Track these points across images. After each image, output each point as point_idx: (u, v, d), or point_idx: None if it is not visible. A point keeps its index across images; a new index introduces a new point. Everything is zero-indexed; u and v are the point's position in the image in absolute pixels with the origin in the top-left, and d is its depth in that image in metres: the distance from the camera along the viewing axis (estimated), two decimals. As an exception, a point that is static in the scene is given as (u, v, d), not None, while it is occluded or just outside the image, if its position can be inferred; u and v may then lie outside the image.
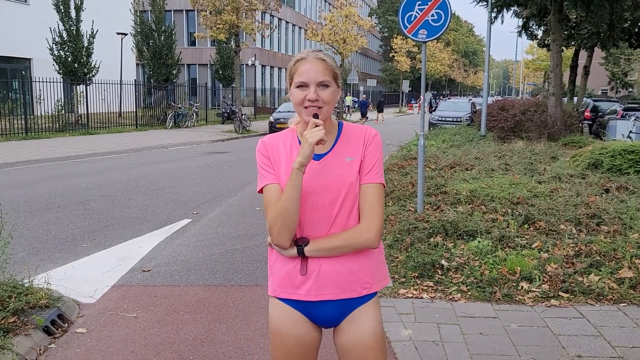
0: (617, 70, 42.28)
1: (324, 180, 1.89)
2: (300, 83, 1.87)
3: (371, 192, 1.90)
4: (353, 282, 1.91)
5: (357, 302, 1.94)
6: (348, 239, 1.87)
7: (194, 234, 6.73)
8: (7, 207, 7.73)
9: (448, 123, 21.98)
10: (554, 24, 14.79)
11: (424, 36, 6.40)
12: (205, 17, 24.59)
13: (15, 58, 26.12)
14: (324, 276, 1.89)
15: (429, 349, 3.63)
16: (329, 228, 1.89)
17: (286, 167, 1.91)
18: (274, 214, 1.85)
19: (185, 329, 4.04)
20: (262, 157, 1.96)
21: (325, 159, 1.92)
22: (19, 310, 3.82)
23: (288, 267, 1.92)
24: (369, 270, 1.94)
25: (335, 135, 1.97)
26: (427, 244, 5.40)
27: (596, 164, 8.79)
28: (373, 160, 1.93)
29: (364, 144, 1.94)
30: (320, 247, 1.87)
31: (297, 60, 1.91)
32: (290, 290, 1.92)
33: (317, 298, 1.90)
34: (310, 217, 1.89)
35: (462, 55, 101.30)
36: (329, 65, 1.90)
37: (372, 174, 1.92)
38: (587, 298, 4.41)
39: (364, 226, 1.88)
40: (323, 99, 1.87)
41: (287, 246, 1.88)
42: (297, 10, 54.89)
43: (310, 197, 1.88)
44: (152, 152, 16.37)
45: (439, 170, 8.98)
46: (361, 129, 1.99)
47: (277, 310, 1.96)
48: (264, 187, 1.92)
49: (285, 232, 1.85)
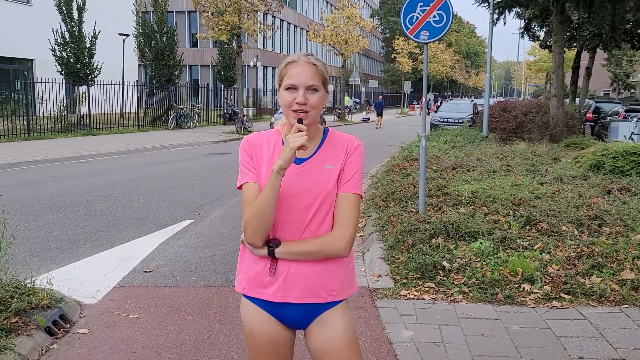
0: (619, 72, 42.25)
1: (302, 185, 1.91)
2: (290, 85, 1.88)
3: (347, 202, 1.92)
4: (319, 288, 1.93)
5: (323, 307, 1.97)
6: (319, 245, 1.89)
7: (196, 235, 6.74)
8: (9, 207, 7.75)
9: (450, 124, 21.97)
10: (556, 25, 14.78)
11: (425, 37, 6.40)
12: (207, 18, 24.63)
13: (18, 59, 26.16)
14: (291, 279, 1.91)
15: (430, 350, 3.63)
16: (301, 232, 1.92)
17: (267, 167, 1.93)
18: (250, 213, 1.87)
19: (187, 329, 4.04)
20: (245, 154, 1.98)
21: (305, 164, 1.94)
22: (21, 310, 3.83)
23: (258, 267, 1.95)
24: (337, 277, 1.96)
25: (319, 141, 1.98)
26: (429, 245, 5.40)
27: (598, 166, 8.77)
28: (353, 171, 1.94)
29: (346, 153, 1.96)
30: (291, 250, 1.90)
31: (287, 63, 1.92)
32: (257, 290, 1.95)
33: (282, 300, 1.93)
34: (285, 220, 1.91)
35: (464, 56, 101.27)
36: (319, 70, 1.91)
37: (351, 184, 1.93)
38: (589, 299, 4.41)
39: (336, 234, 1.90)
40: (311, 103, 1.88)
41: (259, 245, 1.90)
42: (299, 11, 54.93)
43: (287, 200, 1.90)
44: (154, 152, 16.39)
45: (441, 171, 8.97)
46: (345, 138, 2.01)
47: (248, 310, 2.00)
48: (243, 185, 1.95)
49: (259, 232, 1.87)
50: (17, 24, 25.23)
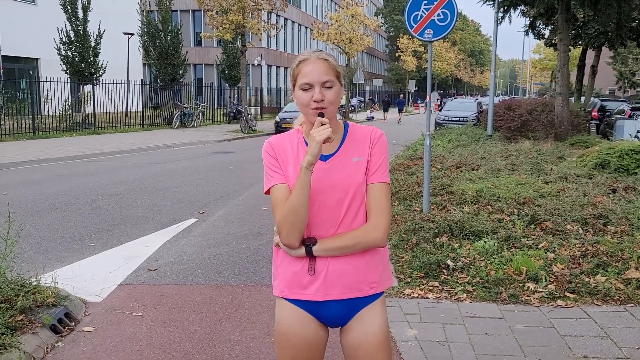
0: (624, 70, 42.03)
1: (331, 181, 1.90)
2: (305, 84, 1.87)
3: (378, 192, 1.91)
4: (360, 282, 1.92)
5: (364, 302, 1.95)
6: (356, 237, 1.88)
7: (200, 234, 6.75)
8: (14, 206, 7.78)
9: (454, 123, 21.93)
10: (561, 24, 14.72)
11: (430, 36, 6.39)
12: (211, 17, 24.65)
13: (23, 58, 26.27)
14: (332, 276, 1.89)
15: (434, 349, 3.63)
16: (336, 228, 1.90)
17: (294, 167, 1.91)
18: (283, 213, 1.85)
19: (191, 328, 4.06)
20: (270, 157, 1.95)
21: (332, 160, 1.93)
22: (26, 308, 3.85)
23: (295, 268, 1.92)
24: (376, 269, 1.95)
25: (341, 136, 1.98)
26: (433, 244, 5.39)
27: (603, 164, 8.74)
28: (379, 160, 1.94)
29: (370, 144, 1.95)
30: (328, 246, 1.88)
31: (299, 62, 1.91)
32: (297, 291, 1.92)
33: (324, 298, 1.90)
34: (318, 217, 1.89)
35: (469, 54, 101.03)
36: (332, 64, 1.90)
37: (379, 174, 1.93)
38: (594, 299, 4.39)
39: (371, 225, 1.89)
40: (328, 99, 1.87)
41: (296, 246, 1.87)
42: (303, 10, 54.90)
43: (318, 197, 1.88)
44: (158, 151, 16.43)
45: (445, 170, 8.96)
46: (367, 129, 2.00)
47: (285, 311, 1.96)
48: (272, 188, 1.92)
49: (295, 232, 1.85)
50: (23, 23, 25.33)
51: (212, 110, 30.36)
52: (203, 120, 27.51)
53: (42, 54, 25.82)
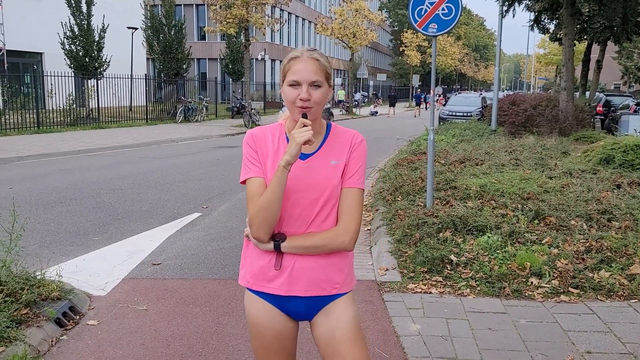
0: (630, 65, 41.76)
1: (308, 180, 1.93)
2: (293, 82, 1.88)
3: (352, 196, 1.95)
4: (323, 281, 1.96)
5: (327, 300, 1.99)
6: (325, 239, 1.92)
7: (204, 228, 6.76)
8: (19, 200, 7.82)
9: (458, 118, 21.87)
10: (566, 18, 14.64)
11: (434, 30, 6.37)
12: (215, 11, 24.61)
13: (27, 52, 26.31)
14: (297, 273, 1.93)
15: (437, 344, 3.63)
16: (307, 226, 1.94)
17: (272, 161, 1.94)
18: (256, 208, 1.88)
19: (195, 321, 4.07)
20: (250, 149, 1.98)
21: (311, 159, 1.96)
22: (31, 302, 3.87)
23: (263, 261, 1.96)
24: (341, 271, 1.99)
25: (322, 136, 2.00)
26: (436, 239, 5.39)
27: (608, 160, 8.71)
28: (357, 166, 1.97)
29: (350, 149, 1.98)
30: (297, 244, 1.92)
31: (291, 59, 1.92)
32: (262, 283, 1.97)
33: (287, 293, 1.95)
34: (290, 214, 1.93)
35: (473, 49, 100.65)
36: (322, 65, 1.91)
37: (354, 179, 1.96)
38: (598, 294, 4.39)
39: (342, 229, 1.93)
40: (314, 99, 1.88)
41: (265, 240, 1.92)
42: (307, 4, 54.75)
43: (293, 194, 1.91)
44: (162, 146, 16.45)
45: (449, 165, 8.94)
46: (349, 133, 2.02)
47: (253, 304, 2.01)
48: (248, 180, 1.95)
49: (265, 227, 1.89)
50: (27, 18, 25.34)
51: (216, 104, 30.36)
52: (207, 115, 27.51)
53: (46, 48, 25.84)
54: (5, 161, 12.23)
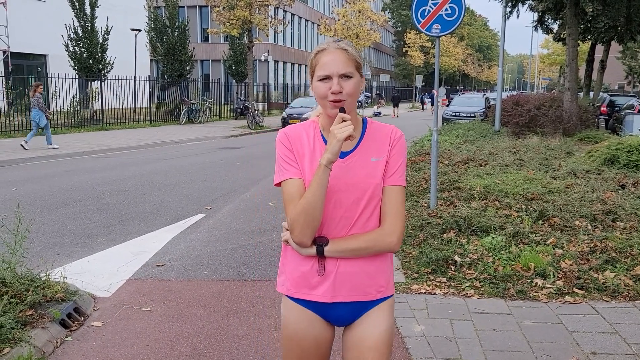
0: (634, 65, 41.62)
1: (349, 179, 1.83)
2: (323, 76, 1.79)
3: (395, 195, 1.86)
4: (368, 285, 1.87)
5: (372, 304, 1.91)
6: (370, 241, 1.83)
7: (208, 229, 6.77)
8: (24, 201, 7.85)
9: (462, 118, 21.84)
10: (570, 18, 14.61)
11: (437, 31, 6.36)
12: (218, 12, 24.66)
13: (32, 54, 26.38)
14: (341, 278, 1.84)
15: (441, 345, 3.63)
16: (349, 228, 1.84)
17: (310, 161, 1.84)
18: (297, 211, 1.78)
19: (199, 323, 4.08)
20: (285, 148, 1.87)
21: (350, 157, 1.86)
22: (36, 303, 3.88)
23: (305, 268, 1.87)
24: (384, 273, 1.91)
25: (359, 132, 1.90)
26: (440, 239, 5.38)
27: (612, 160, 8.68)
28: (398, 163, 1.88)
29: (390, 145, 1.89)
30: (341, 248, 1.82)
31: (317, 52, 1.83)
32: (305, 291, 1.87)
33: (332, 300, 1.86)
34: (332, 216, 1.83)
35: (476, 49, 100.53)
36: (351, 55, 1.81)
37: (396, 177, 1.87)
38: (602, 295, 4.37)
39: (387, 229, 1.83)
40: (347, 91, 1.78)
41: (308, 244, 1.82)
42: (310, 5, 54.79)
43: (335, 195, 1.82)
44: (165, 147, 16.48)
45: (453, 165, 8.93)
46: (387, 128, 1.93)
47: (292, 312, 1.91)
48: (285, 181, 1.84)
49: (308, 231, 1.79)
50: (31, 20, 25.43)
51: (219, 106, 30.42)
52: (210, 116, 27.56)
53: (50, 50, 25.92)
54: (10, 163, 12.27)
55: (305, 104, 25.64)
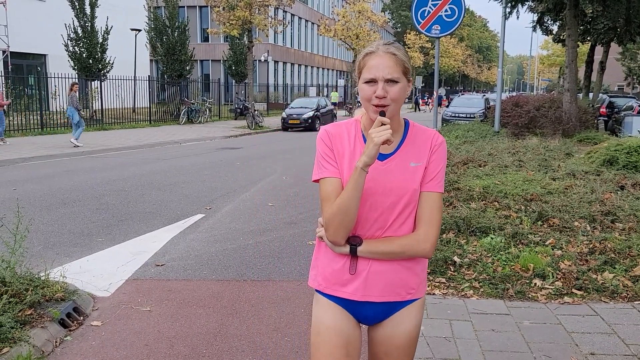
0: (633, 66, 41.66)
1: (387, 183, 1.83)
2: (369, 79, 1.79)
3: (432, 201, 1.85)
4: (399, 287, 1.88)
5: (401, 305, 1.92)
6: (405, 245, 1.83)
7: (207, 229, 6.78)
8: (23, 201, 7.85)
9: (461, 119, 21.85)
10: (570, 19, 14.63)
11: (437, 32, 6.38)
12: (218, 13, 24.68)
13: (31, 54, 26.39)
14: (372, 277, 1.85)
15: (440, 345, 3.63)
16: (384, 230, 1.85)
17: (349, 161, 1.84)
18: (333, 211, 1.79)
19: (199, 322, 4.08)
20: (325, 146, 1.87)
21: (389, 161, 1.85)
22: (35, 303, 3.89)
23: (337, 265, 1.88)
24: (416, 276, 1.92)
25: (401, 136, 1.89)
26: (440, 240, 5.39)
27: (611, 161, 8.69)
28: (437, 169, 1.87)
29: (430, 150, 1.88)
30: (374, 249, 1.83)
31: (366, 54, 1.83)
32: (336, 287, 1.89)
33: (363, 299, 1.87)
34: (367, 217, 1.84)
35: (476, 50, 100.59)
36: (400, 59, 1.80)
37: (434, 183, 1.86)
38: (601, 296, 4.38)
39: (422, 235, 1.84)
40: (391, 96, 1.78)
41: (342, 244, 1.84)
42: (310, 6, 54.80)
43: (371, 197, 1.82)
44: (165, 147, 16.48)
45: (452, 166, 8.94)
46: (429, 133, 1.92)
47: (323, 308, 1.92)
48: (323, 179, 1.85)
49: (342, 231, 1.80)
50: (31, 19, 25.44)
51: (219, 106, 30.43)
52: (210, 117, 27.57)
53: (50, 50, 25.93)
54: (10, 162, 12.27)
55: (305, 104, 25.64)
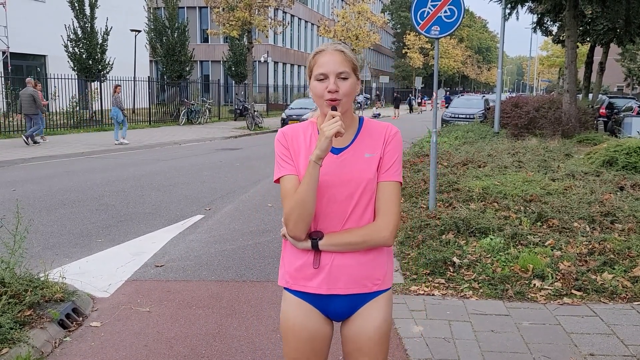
0: (633, 67, 41.67)
1: (343, 175, 1.88)
2: (320, 75, 1.86)
3: (389, 190, 1.90)
4: (364, 278, 1.91)
5: (368, 297, 1.94)
6: (363, 235, 1.87)
7: (207, 230, 6.78)
8: (23, 202, 7.84)
9: (461, 120, 21.86)
10: (569, 20, 14.63)
11: (436, 32, 6.37)
12: (218, 13, 24.68)
13: (31, 55, 26.39)
14: (336, 270, 1.89)
15: (440, 346, 3.63)
16: (344, 223, 1.89)
17: (305, 158, 1.90)
18: (290, 205, 1.84)
19: (198, 323, 4.08)
20: (282, 147, 1.95)
21: (344, 153, 1.91)
22: (34, 303, 3.88)
23: (301, 260, 1.92)
24: (380, 267, 1.95)
25: (355, 130, 1.96)
26: (439, 241, 5.39)
27: (611, 162, 8.70)
28: (393, 158, 1.92)
29: (385, 142, 1.93)
30: (335, 242, 1.87)
31: (316, 53, 1.91)
32: (301, 283, 1.92)
33: (328, 292, 1.90)
34: (327, 211, 1.89)
35: (476, 51, 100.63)
36: (348, 56, 1.88)
37: (391, 172, 1.91)
38: (600, 296, 4.38)
39: (380, 224, 1.88)
40: (343, 91, 1.85)
41: (302, 238, 1.88)
42: (310, 6, 54.82)
43: (328, 190, 1.87)
44: (165, 148, 16.48)
45: (452, 167, 8.94)
46: (382, 125, 1.98)
47: (291, 304, 1.96)
48: (282, 178, 1.91)
49: (301, 224, 1.84)
50: (31, 20, 25.44)
51: (219, 107, 30.42)
52: (209, 117, 27.56)
53: (50, 51, 25.93)
54: (9, 163, 12.27)
55: (305, 105, 25.64)
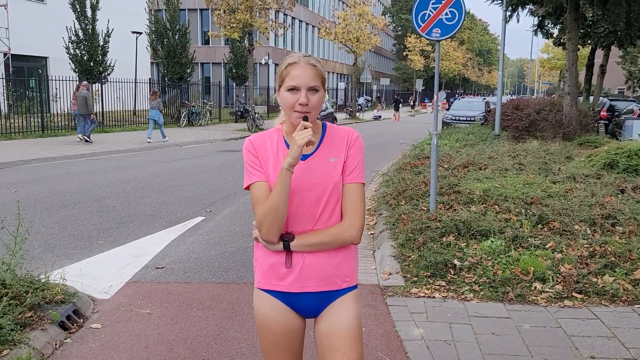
0: (634, 70, 41.66)
1: (311, 179, 2.00)
2: (292, 87, 1.95)
3: (354, 191, 2.02)
4: (334, 276, 2.03)
5: (337, 294, 2.05)
6: (332, 235, 1.99)
7: (207, 232, 6.78)
8: (24, 203, 7.85)
9: (462, 122, 21.86)
10: (570, 23, 14.64)
11: (437, 35, 6.38)
12: (219, 16, 24.72)
13: (32, 57, 26.43)
14: (307, 269, 2.00)
15: (440, 348, 3.63)
16: (313, 224, 2.00)
17: (274, 165, 2.00)
18: (263, 211, 1.94)
19: (198, 325, 4.08)
20: (250, 154, 2.04)
21: (310, 159, 2.02)
22: (35, 305, 3.88)
23: (273, 260, 2.02)
24: (349, 265, 2.07)
25: (319, 136, 2.07)
26: (440, 243, 5.38)
27: (612, 164, 8.69)
28: (355, 161, 2.04)
29: (347, 146, 2.05)
30: (305, 242, 1.99)
31: (288, 64, 1.99)
32: (274, 282, 2.03)
33: (299, 290, 2.01)
34: (296, 214, 2.00)
35: (477, 54, 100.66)
36: (319, 70, 1.99)
37: (355, 174, 2.03)
38: (601, 299, 4.38)
39: (347, 224, 2.00)
40: (312, 104, 1.95)
41: (275, 241, 1.98)
42: (311, 9, 54.88)
43: (298, 194, 1.98)
44: (166, 150, 16.49)
45: (452, 169, 8.93)
46: (344, 130, 2.10)
47: (263, 302, 2.05)
48: (252, 185, 2.01)
49: (275, 229, 1.95)
50: (32, 22, 25.47)
51: (220, 109, 30.43)
52: (210, 119, 27.58)
53: (51, 52, 25.96)
54: (10, 165, 12.28)
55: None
